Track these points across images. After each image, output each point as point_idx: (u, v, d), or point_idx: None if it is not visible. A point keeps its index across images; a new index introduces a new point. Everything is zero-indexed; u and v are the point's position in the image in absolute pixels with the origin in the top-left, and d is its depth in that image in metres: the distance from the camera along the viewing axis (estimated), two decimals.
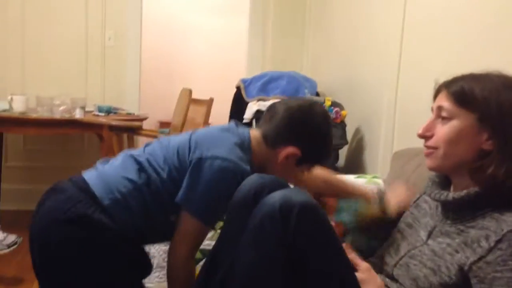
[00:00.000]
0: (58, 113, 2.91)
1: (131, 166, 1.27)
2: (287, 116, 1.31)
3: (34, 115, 2.91)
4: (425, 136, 1.11)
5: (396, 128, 2.20)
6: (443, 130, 1.08)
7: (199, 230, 1.27)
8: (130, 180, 1.25)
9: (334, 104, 2.58)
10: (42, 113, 2.93)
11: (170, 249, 1.28)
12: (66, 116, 2.91)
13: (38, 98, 3.01)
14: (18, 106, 2.93)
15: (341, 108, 2.57)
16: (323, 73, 3.32)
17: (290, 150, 1.30)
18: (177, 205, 1.26)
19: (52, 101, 2.96)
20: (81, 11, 3.56)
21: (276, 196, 1.02)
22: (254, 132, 1.36)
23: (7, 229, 2.38)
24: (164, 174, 1.26)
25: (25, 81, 3.53)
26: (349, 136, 2.61)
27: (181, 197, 1.24)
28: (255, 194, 1.16)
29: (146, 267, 1.36)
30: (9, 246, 2.30)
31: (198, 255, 1.62)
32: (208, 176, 1.21)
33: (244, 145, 1.30)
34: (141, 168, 1.27)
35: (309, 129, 1.31)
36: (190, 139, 1.28)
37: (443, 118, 1.08)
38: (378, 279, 1.15)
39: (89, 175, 1.28)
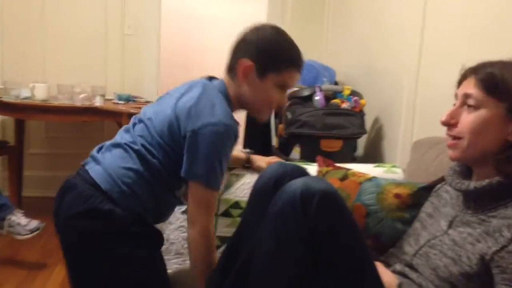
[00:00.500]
0: (79, 101, 2.95)
1: (130, 155, 1.31)
2: (235, 40, 1.38)
3: (55, 103, 2.95)
4: (449, 123, 1.08)
5: (416, 117, 2.17)
6: (468, 119, 1.05)
7: (210, 196, 1.30)
8: (132, 170, 1.30)
9: (353, 93, 2.56)
10: (63, 100, 2.97)
11: (188, 223, 1.31)
12: (86, 103, 2.95)
13: (59, 86, 3.05)
14: (40, 93, 2.98)
15: (360, 97, 2.55)
16: (342, 62, 3.29)
17: (242, 63, 1.32)
18: (179, 180, 1.31)
19: (73, 89, 3.00)
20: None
21: (296, 184, 1.02)
22: (225, 78, 1.39)
23: (30, 215, 2.43)
24: (160, 156, 1.30)
25: (46, 69, 3.57)
26: (367, 125, 2.59)
27: (185, 172, 1.28)
28: (275, 182, 1.17)
29: (158, 238, 1.41)
30: (32, 231, 2.34)
31: (217, 241, 1.64)
32: (204, 144, 1.24)
33: (221, 92, 1.33)
34: (139, 155, 1.31)
35: (253, 37, 1.35)
36: (176, 115, 1.29)
37: (469, 106, 1.05)
38: (390, 272, 1.15)
39: (93, 170, 1.32)
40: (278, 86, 1.33)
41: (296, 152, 2.49)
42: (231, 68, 1.36)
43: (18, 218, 2.34)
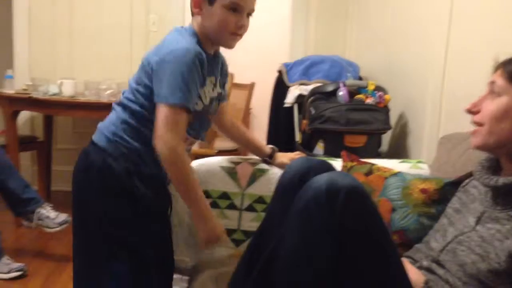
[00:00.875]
0: (105, 97, 3.00)
1: (116, 110, 1.41)
2: None
3: (82, 99, 3.01)
4: (472, 111, 1.10)
5: (443, 112, 2.14)
6: (490, 106, 1.06)
7: (175, 114, 1.28)
8: (117, 119, 1.38)
9: (378, 88, 2.54)
10: (90, 96, 3.03)
11: (155, 144, 1.30)
12: (113, 99, 2.99)
13: (86, 82, 3.11)
14: (67, 90, 3.05)
15: (385, 92, 2.52)
16: (366, 57, 3.26)
17: None
18: None
19: (99, 86, 3.06)
20: None
21: (322, 179, 1.02)
22: (191, 21, 1.43)
23: (58, 209, 2.48)
24: (140, 100, 1.35)
25: (74, 66, 3.64)
26: (392, 121, 2.56)
27: (155, 98, 1.30)
28: (301, 177, 1.17)
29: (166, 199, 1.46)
30: (60, 224, 2.39)
31: (241, 236, 1.66)
32: (168, 68, 1.28)
33: (189, 32, 1.38)
34: (123, 107, 1.39)
35: None
36: (147, 59, 1.34)
37: (493, 93, 1.07)
38: (416, 269, 1.15)
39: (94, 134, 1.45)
40: (229, 8, 1.34)
41: (319, 148, 2.49)
42: (190, 8, 1.41)
43: (47, 212, 2.40)
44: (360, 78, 2.93)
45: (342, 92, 2.48)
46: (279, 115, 3.03)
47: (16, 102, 3.03)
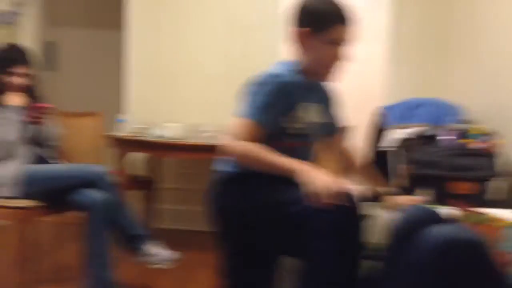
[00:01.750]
0: (205, 139, 3.15)
1: None
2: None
3: (184, 141, 3.19)
4: None
5: None
6: None
7: (240, 124, 1.43)
8: None
9: (484, 132, 2.43)
10: (191, 139, 3.20)
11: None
12: (211, 141, 3.14)
13: (188, 125, 3.31)
14: (171, 132, 3.26)
15: (493, 136, 2.41)
16: (470, 99, 3.13)
17: (295, 32, 1.51)
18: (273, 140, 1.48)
19: (201, 128, 3.23)
20: (223, 43, 3.87)
21: (439, 232, 1.00)
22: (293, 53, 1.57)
23: (164, 246, 2.58)
24: None
25: (177, 110, 3.87)
26: (503, 167, 2.42)
27: None
28: (411, 226, 1.15)
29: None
30: (165, 261, 2.50)
31: None
32: (252, 89, 1.47)
33: (285, 63, 1.53)
34: None
35: (299, 6, 1.53)
36: None
37: None
38: None
39: None
40: (329, 43, 1.46)
41: (420, 194, 2.41)
42: (293, 38, 1.54)
43: (154, 249, 2.52)
44: (464, 121, 2.82)
45: (444, 137, 2.41)
46: (375, 159, 2.98)
47: (127, 144, 3.28)
